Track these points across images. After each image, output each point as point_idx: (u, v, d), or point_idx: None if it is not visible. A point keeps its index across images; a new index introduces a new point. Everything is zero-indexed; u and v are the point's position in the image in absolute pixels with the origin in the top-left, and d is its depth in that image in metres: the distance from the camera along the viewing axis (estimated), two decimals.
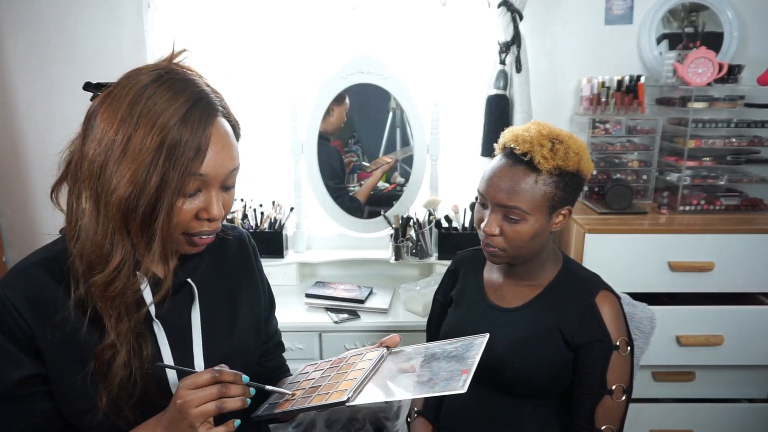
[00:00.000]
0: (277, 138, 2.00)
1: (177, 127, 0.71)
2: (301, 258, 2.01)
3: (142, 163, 0.70)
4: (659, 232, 1.62)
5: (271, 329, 1.10)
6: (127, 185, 0.70)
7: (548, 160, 1.00)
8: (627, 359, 1.03)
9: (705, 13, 1.93)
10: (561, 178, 1.02)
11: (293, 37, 1.96)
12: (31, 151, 2.03)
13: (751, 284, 1.65)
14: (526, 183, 1.01)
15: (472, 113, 1.98)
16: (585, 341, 1.04)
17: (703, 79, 1.70)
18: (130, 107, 0.71)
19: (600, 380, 1.01)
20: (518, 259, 1.09)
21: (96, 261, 0.73)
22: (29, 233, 2.08)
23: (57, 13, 1.90)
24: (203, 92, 0.77)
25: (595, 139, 1.84)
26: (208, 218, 0.78)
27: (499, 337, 1.09)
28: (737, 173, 1.80)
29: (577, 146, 1.04)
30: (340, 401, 0.77)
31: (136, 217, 0.72)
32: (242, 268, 1.00)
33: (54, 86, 1.96)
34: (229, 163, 0.78)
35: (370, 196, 2.04)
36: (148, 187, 0.71)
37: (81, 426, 0.81)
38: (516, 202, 1.01)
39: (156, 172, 0.70)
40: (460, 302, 1.22)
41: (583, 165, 1.05)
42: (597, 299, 1.05)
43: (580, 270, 1.13)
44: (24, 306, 0.76)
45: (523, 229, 1.03)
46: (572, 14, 1.94)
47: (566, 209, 1.07)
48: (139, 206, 0.71)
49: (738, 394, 1.77)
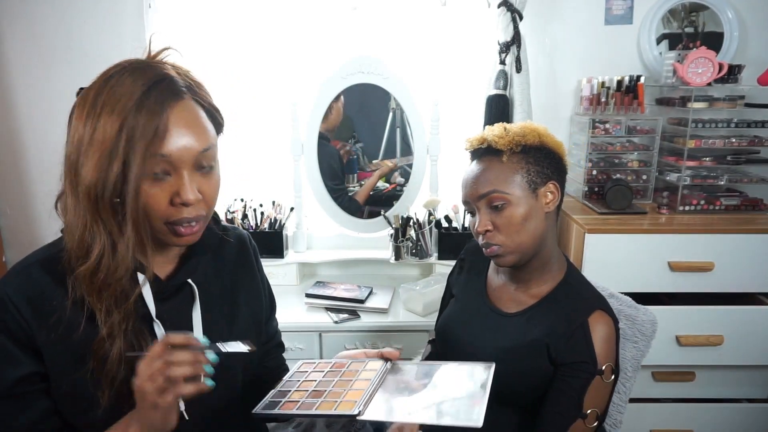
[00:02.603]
0: (277, 138, 2.00)
1: (134, 110, 0.71)
2: (301, 258, 2.01)
3: (105, 150, 0.71)
4: (659, 232, 1.62)
5: (271, 330, 1.10)
6: (92, 173, 0.71)
7: (502, 137, 1.04)
8: (608, 386, 0.99)
9: (705, 13, 1.93)
10: (528, 154, 1.04)
11: (293, 37, 1.96)
12: (31, 151, 2.03)
13: (751, 284, 1.65)
14: (494, 166, 1.04)
15: (472, 113, 1.98)
16: (569, 361, 0.99)
17: (703, 79, 1.70)
18: (94, 99, 0.73)
19: (576, 403, 0.97)
20: (522, 253, 1.04)
21: (79, 254, 0.75)
22: (29, 233, 2.08)
23: (57, 13, 1.91)
24: (165, 75, 0.76)
25: (595, 139, 1.84)
26: (181, 202, 0.75)
27: (487, 341, 1.09)
28: (737, 173, 1.80)
29: (534, 127, 1.06)
30: (350, 414, 0.76)
31: (105, 204, 0.72)
32: (242, 269, 1.00)
33: (54, 86, 1.96)
34: (195, 144, 0.76)
35: (369, 196, 2.04)
36: (112, 172, 0.71)
37: (81, 426, 0.81)
38: (491, 186, 1.03)
39: (117, 156, 0.71)
40: (461, 296, 1.22)
41: (548, 140, 1.06)
42: (590, 319, 1.00)
43: (580, 285, 1.09)
44: (24, 305, 0.76)
45: (511, 213, 1.02)
46: (572, 14, 1.94)
47: (552, 184, 1.05)
48: (106, 192, 0.72)
49: (738, 394, 1.77)
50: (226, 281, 0.96)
